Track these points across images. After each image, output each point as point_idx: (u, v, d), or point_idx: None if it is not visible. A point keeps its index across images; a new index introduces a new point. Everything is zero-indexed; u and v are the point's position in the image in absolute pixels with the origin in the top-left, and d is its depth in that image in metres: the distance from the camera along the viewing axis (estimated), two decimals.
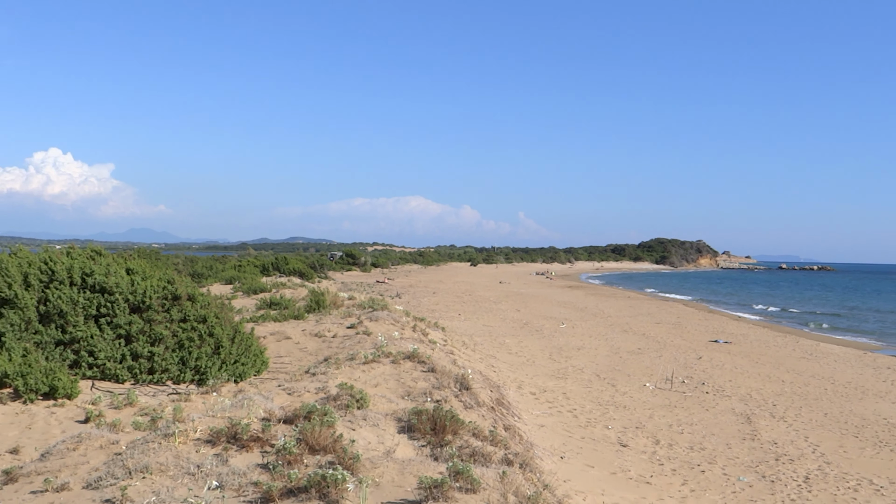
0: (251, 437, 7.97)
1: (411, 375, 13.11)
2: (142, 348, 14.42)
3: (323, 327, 21.45)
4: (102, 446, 8.55)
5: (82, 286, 14.77)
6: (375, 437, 8.65)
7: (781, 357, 32.40)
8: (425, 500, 6.39)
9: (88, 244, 17.54)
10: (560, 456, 14.53)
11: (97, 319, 14.52)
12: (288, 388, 12.17)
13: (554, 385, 22.60)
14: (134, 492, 6.88)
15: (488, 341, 31.02)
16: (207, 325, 15.19)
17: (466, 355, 21.80)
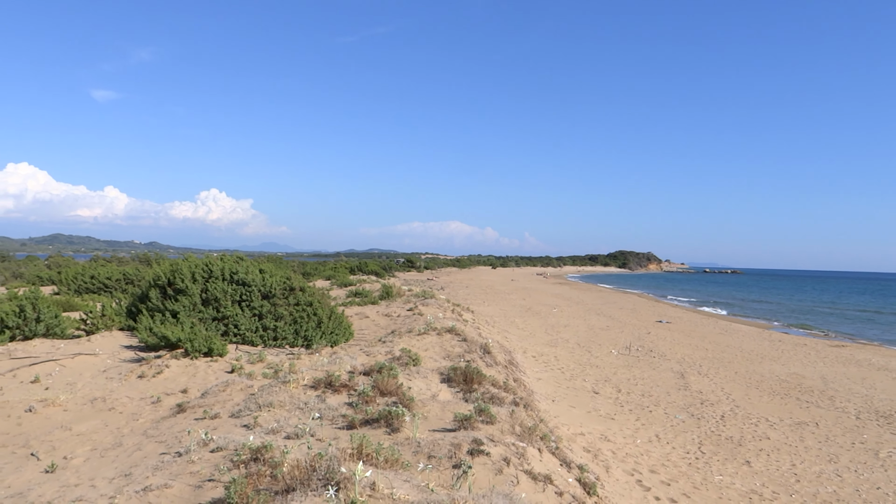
0: (341, 384, 8.02)
1: (450, 343, 13.09)
2: (269, 323, 14.52)
3: (391, 310, 21.45)
4: (242, 389, 8.63)
5: (230, 280, 14.91)
6: (425, 385, 8.64)
7: (705, 332, 31.90)
8: (458, 428, 6.38)
9: (234, 253, 17.72)
10: (552, 400, 14.41)
11: (240, 303, 14.65)
12: (366, 351, 12.20)
13: (548, 351, 22.42)
14: (262, 420, 6.95)
15: (503, 320, 30.85)
16: (313, 307, 15.26)
17: (488, 330, 21.70)
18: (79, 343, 13.93)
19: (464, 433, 6.21)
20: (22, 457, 7.13)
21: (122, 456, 6.64)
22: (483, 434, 6.22)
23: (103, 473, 6.09)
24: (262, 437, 6.17)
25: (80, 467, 6.50)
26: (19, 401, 9.28)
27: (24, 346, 13.41)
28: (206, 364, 11.83)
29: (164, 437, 7.04)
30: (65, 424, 8.13)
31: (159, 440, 6.93)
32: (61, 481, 6.03)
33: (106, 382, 10.88)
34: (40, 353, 12.76)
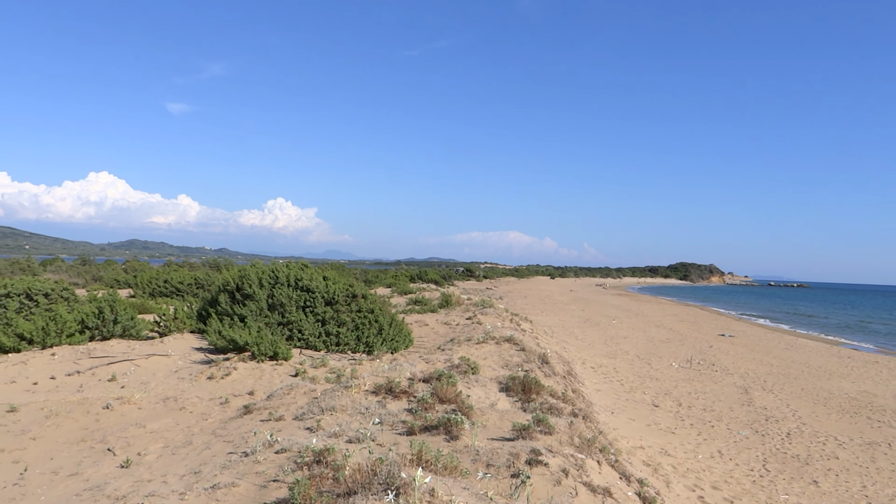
0: (401, 391, 8.07)
1: (508, 353, 13.01)
2: (332, 329, 14.75)
3: (450, 318, 21.50)
4: (305, 392, 8.78)
5: (295, 287, 15.21)
6: (483, 393, 8.62)
7: (770, 347, 30.84)
8: (517, 438, 6.34)
9: (299, 260, 18.07)
10: (611, 412, 14.16)
11: (304, 309, 14.92)
12: (426, 358, 12.24)
13: (607, 362, 22.06)
14: (325, 423, 7.05)
15: (561, 330, 30.53)
16: (374, 314, 15.42)
17: (546, 340, 21.51)
18: (152, 344, 14.43)
19: (522, 443, 6.16)
20: (100, 451, 7.43)
21: (192, 454, 6.84)
22: (542, 444, 6.16)
23: (174, 470, 6.28)
24: (325, 440, 6.26)
25: (152, 463, 6.73)
26: (98, 398, 9.67)
27: (103, 345, 13.96)
28: (271, 367, 12.08)
29: (231, 437, 7.21)
30: (139, 422, 8.43)
31: (227, 440, 7.11)
32: (135, 476, 6.25)
33: (177, 383, 11.23)
34: (117, 353, 13.27)
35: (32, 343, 13.39)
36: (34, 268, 49.35)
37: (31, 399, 10.08)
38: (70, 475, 6.65)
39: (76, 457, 7.33)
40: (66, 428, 8.36)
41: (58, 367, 12.31)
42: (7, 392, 10.87)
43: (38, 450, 7.68)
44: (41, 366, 12.34)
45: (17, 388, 11.13)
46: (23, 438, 7.97)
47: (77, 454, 7.44)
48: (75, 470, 6.79)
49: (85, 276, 45.19)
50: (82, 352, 13.33)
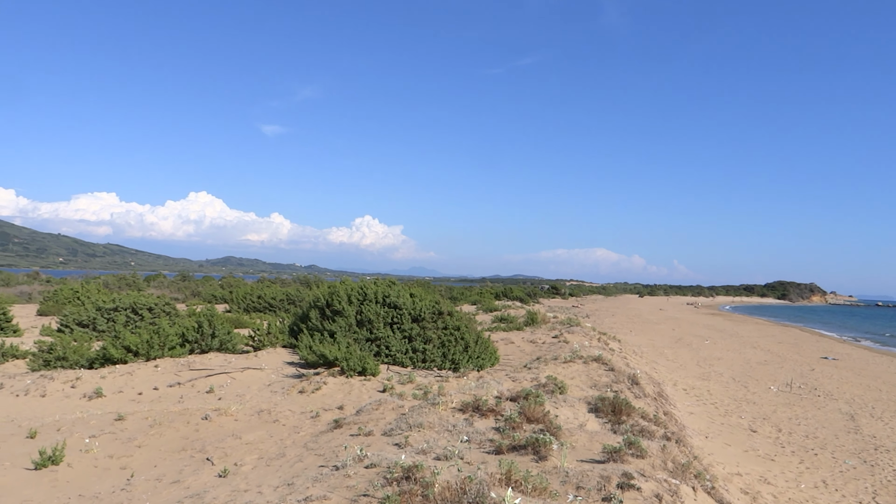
0: (488, 409, 8.04)
1: (597, 373, 12.75)
2: (418, 345, 14.88)
3: (536, 336, 21.30)
4: (393, 408, 8.88)
5: (383, 304, 15.47)
6: (572, 414, 8.47)
7: (878, 372, 28.93)
8: (608, 460, 6.19)
9: (386, 277, 18.38)
10: (705, 436, 13.62)
11: (391, 326, 15.14)
12: (512, 376, 12.16)
13: (700, 384, 21.26)
14: (413, 440, 7.10)
15: (651, 351, 29.68)
16: (460, 331, 15.47)
17: (635, 360, 20.96)
18: (247, 358, 14.96)
19: (613, 465, 6.01)
20: (199, 461, 7.75)
21: (285, 466, 7.03)
22: (633, 468, 5.99)
23: (269, 481, 6.46)
24: (413, 456, 6.30)
25: (248, 474, 6.95)
26: (197, 409, 10.09)
27: (201, 358, 14.58)
28: (360, 382, 12.29)
29: (322, 450, 7.37)
30: (235, 433, 8.74)
31: (318, 453, 7.27)
32: (232, 486, 6.47)
33: (270, 396, 11.59)
34: (214, 366, 13.83)
35: (138, 355, 14.14)
36: (139, 283, 52.25)
37: (136, 408, 10.64)
38: (172, 482, 6.96)
39: (178, 465, 7.67)
40: (168, 437, 8.77)
41: (160, 378, 12.95)
42: (115, 401, 11.52)
43: (143, 457, 8.08)
44: (145, 377, 13.01)
45: (124, 398, 11.77)
46: (129, 446, 8.41)
47: (178, 462, 7.78)
48: (177, 478, 7.10)
49: (185, 292, 47.48)
50: (183, 364, 13.97)
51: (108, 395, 11.88)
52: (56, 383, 12.52)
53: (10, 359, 15.52)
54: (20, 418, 10.12)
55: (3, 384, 12.67)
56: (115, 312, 20.94)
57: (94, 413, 10.23)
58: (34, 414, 10.62)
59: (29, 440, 8.70)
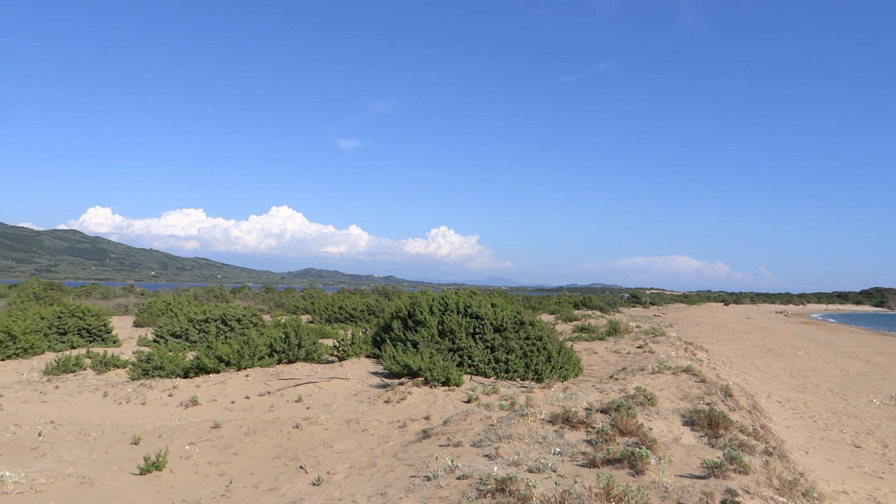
0: (578, 421, 7.90)
1: (687, 384, 12.35)
2: (501, 356, 14.82)
3: (619, 346, 20.87)
4: (481, 419, 8.84)
5: (464, 314, 15.49)
6: (665, 427, 8.22)
7: None
8: (708, 476, 5.96)
9: (462, 287, 18.40)
10: (805, 451, 12.97)
11: (473, 336, 15.13)
12: (598, 387, 11.92)
13: (795, 397, 20.30)
14: (503, 451, 7.04)
15: (740, 361, 28.56)
16: (542, 342, 15.31)
17: (725, 371, 20.23)
18: (332, 368, 15.25)
19: (715, 481, 5.78)
20: (293, 469, 7.92)
21: (376, 475, 7.10)
22: (737, 484, 5.75)
23: (361, 490, 6.54)
24: (505, 468, 6.25)
25: (341, 483, 7.06)
26: (288, 418, 10.34)
27: (289, 368, 14.96)
28: (444, 393, 12.33)
29: (412, 460, 7.41)
30: (326, 442, 8.90)
31: (408, 463, 7.31)
32: (326, 494, 6.58)
33: (357, 405, 11.76)
34: (301, 376, 14.16)
35: (229, 365, 14.64)
36: (226, 295, 54.21)
37: (230, 417, 11.00)
38: (268, 490, 7.14)
39: (273, 472, 7.87)
40: (262, 445, 9.01)
41: (251, 387, 13.35)
42: (210, 410, 11.94)
43: (239, 464, 8.33)
44: (237, 386, 13.44)
45: (218, 407, 12.20)
46: (226, 453, 8.69)
47: (273, 470, 7.98)
48: (273, 485, 7.28)
49: (269, 303, 48.94)
50: (271, 374, 14.37)
51: (203, 403, 12.34)
52: (155, 392, 13.09)
53: (111, 368, 16.35)
54: (124, 425, 10.62)
55: (107, 392, 13.35)
56: (206, 323, 21.77)
57: (191, 421, 10.63)
58: (136, 421, 11.13)
59: (133, 446, 9.12)
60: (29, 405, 12.66)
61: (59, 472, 7.87)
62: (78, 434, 9.86)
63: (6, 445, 9.21)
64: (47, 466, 8.13)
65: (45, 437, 9.65)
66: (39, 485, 7.37)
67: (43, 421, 10.83)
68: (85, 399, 13.15)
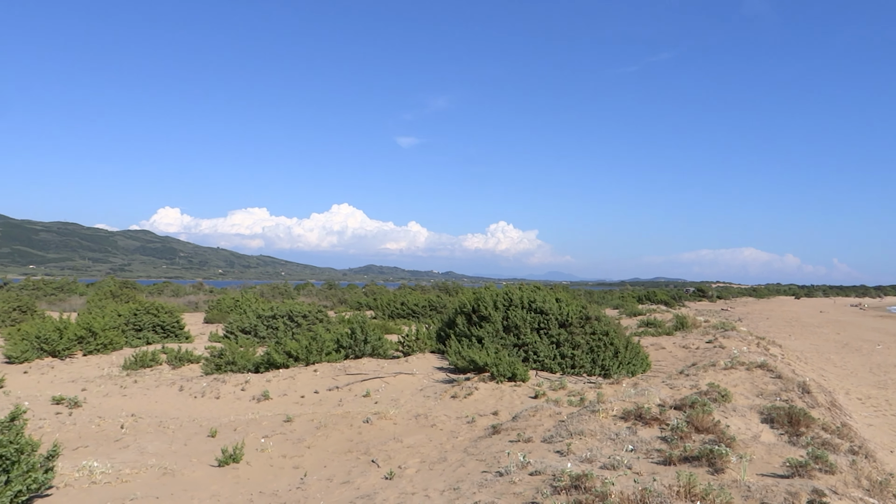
0: (651, 417, 7.75)
1: (762, 380, 11.97)
2: (566, 351, 14.67)
3: (687, 341, 20.39)
4: (550, 415, 8.78)
5: (529, 309, 15.39)
6: (743, 424, 7.98)
7: None
8: (792, 475, 5.76)
9: (522, 282, 18.28)
10: (890, 451, 12.42)
11: (538, 331, 15.03)
12: (669, 383, 11.67)
13: (876, 393, 19.43)
14: (575, 447, 6.97)
15: (815, 357, 27.51)
16: (609, 336, 15.09)
17: (800, 366, 19.51)
18: (398, 363, 15.38)
19: (800, 481, 5.58)
20: (365, 462, 8.03)
21: (447, 470, 7.12)
22: (823, 484, 5.54)
23: (434, 485, 6.57)
24: (578, 464, 6.18)
25: (413, 477, 7.11)
26: (357, 412, 10.48)
27: (356, 363, 15.16)
28: (510, 388, 12.28)
29: (483, 455, 7.40)
30: (396, 436, 8.98)
31: (479, 458, 7.31)
32: (399, 488, 6.64)
33: (424, 401, 11.83)
34: (368, 371, 14.33)
35: (298, 360, 14.93)
36: (290, 292, 55.33)
37: (301, 411, 11.22)
38: (342, 483, 7.25)
39: (345, 466, 7.99)
40: (334, 439, 9.16)
41: (320, 382, 13.59)
42: (281, 404, 12.21)
43: (312, 457, 8.49)
44: (306, 381, 13.70)
45: (289, 401, 12.45)
46: (299, 446, 8.87)
47: (346, 463, 8.10)
48: (346, 478, 7.40)
49: (332, 299, 49.73)
50: (339, 369, 14.59)
51: (274, 397, 12.63)
52: (228, 386, 13.47)
53: (186, 363, 16.90)
54: (200, 418, 10.96)
55: (183, 387, 13.81)
56: (274, 320, 22.27)
57: (264, 415, 10.89)
58: (211, 414, 11.47)
59: (210, 439, 9.40)
60: (110, 399, 13.19)
61: (142, 463, 8.17)
62: (157, 427, 10.22)
63: (92, 437, 9.62)
64: (131, 457, 8.46)
65: (127, 429, 10.04)
66: (125, 475, 7.67)
67: (124, 414, 11.26)
68: (162, 393, 13.63)
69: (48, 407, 11.61)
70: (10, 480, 6.07)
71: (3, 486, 5.99)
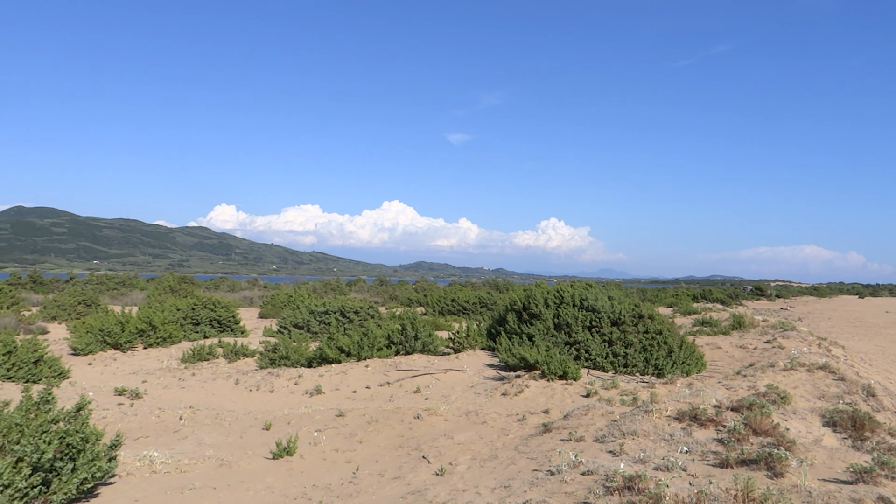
0: (707, 419, 7.58)
1: (823, 382, 11.58)
2: (619, 349, 14.47)
3: (745, 341, 19.88)
4: (603, 414, 8.67)
5: (580, 307, 15.24)
6: (804, 427, 7.75)
7: None
8: (856, 481, 5.56)
9: (583, 281, 18.09)
10: None
11: (590, 329, 14.86)
12: (725, 384, 11.40)
13: None
14: (627, 448, 6.87)
15: (881, 359, 26.48)
16: (662, 335, 14.83)
17: (864, 369, 18.80)
18: (448, 359, 15.42)
19: (864, 487, 5.39)
20: (416, 458, 8.08)
21: (498, 468, 7.11)
22: (889, 491, 5.33)
23: (485, 482, 6.57)
24: (631, 465, 6.10)
25: (463, 474, 7.12)
26: (408, 408, 10.56)
27: (406, 359, 15.26)
28: (561, 386, 12.18)
29: (533, 454, 7.37)
30: (446, 433, 9.01)
31: (530, 457, 7.27)
32: (450, 485, 6.66)
33: (475, 397, 11.83)
34: (418, 367, 14.41)
35: (349, 355, 15.12)
36: (342, 288, 56.03)
37: (353, 406, 11.36)
38: (393, 478, 7.31)
39: (396, 461, 8.06)
40: (385, 434, 9.25)
41: (371, 377, 13.73)
42: (333, 398, 12.38)
43: (364, 452, 8.59)
44: (358, 376, 13.86)
45: (340, 395, 12.62)
46: (351, 441, 8.99)
47: (397, 459, 8.17)
48: (397, 473, 7.46)
49: (383, 295, 50.18)
50: (390, 364, 14.71)
51: (327, 392, 12.82)
52: (281, 380, 13.73)
53: (241, 357, 17.30)
54: (255, 411, 11.20)
55: (239, 380, 14.13)
56: (327, 315, 22.59)
57: (317, 409, 11.06)
58: (266, 408, 11.71)
59: (265, 431, 9.60)
60: (169, 391, 13.60)
61: (200, 454, 8.40)
62: (214, 418, 10.49)
63: (152, 428, 9.94)
64: (189, 448, 8.70)
65: (185, 420, 10.33)
66: (183, 465, 7.89)
67: (183, 405, 11.59)
68: (219, 386, 13.99)
69: (111, 398, 12.04)
70: (77, 468, 6.31)
71: (70, 473, 6.23)
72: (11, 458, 5.74)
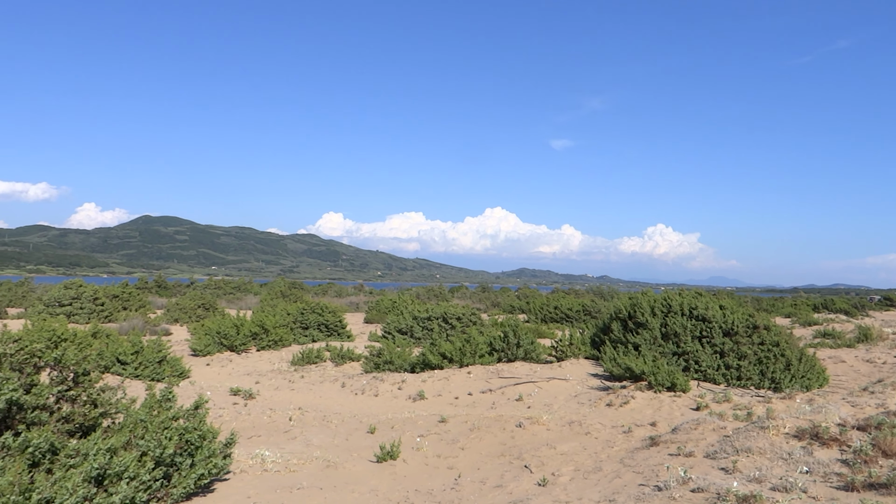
0: (830, 437, 7.09)
1: None
2: (731, 361, 13.81)
3: (872, 355, 18.51)
4: (714, 429, 8.30)
5: (689, 316, 14.68)
6: None
7: None
8: None
9: (693, 289, 17.42)
10: None
11: (700, 339, 14.28)
12: (850, 401, 10.66)
13: None
14: (741, 465, 6.54)
15: None
16: (780, 347, 14.04)
17: None
18: (551, 368, 15.24)
19: None
20: (517, 467, 8.02)
21: (602, 480, 6.94)
22: None
23: (588, 495, 6.43)
24: (745, 484, 5.80)
25: (566, 485, 7.00)
26: (510, 416, 10.50)
27: (508, 367, 15.20)
28: (669, 399, 11.77)
29: (640, 467, 7.14)
30: (549, 443, 8.89)
31: (636, 470, 7.06)
32: (553, 496, 6.56)
33: (578, 407, 11.63)
34: (520, 375, 14.32)
35: (452, 361, 15.22)
36: (445, 294, 56.59)
37: (455, 412, 11.42)
38: (495, 486, 7.29)
39: (498, 469, 8.03)
40: (486, 441, 9.24)
41: (473, 384, 13.76)
42: (436, 404, 12.49)
43: (466, 459, 8.61)
44: (460, 382, 13.93)
45: (443, 402, 12.72)
46: (453, 447, 9.03)
47: (498, 467, 8.14)
48: (499, 482, 7.42)
49: (485, 302, 50.25)
50: (492, 371, 14.70)
51: (429, 397, 12.95)
52: (386, 385, 14.00)
53: (347, 361, 17.78)
54: (360, 414, 11.48)
55: (345, 383, 14.53)
56: (429, 321, 22.87)
57: (419, 414, 11.20)
58: (370, 411, 11.97)
59: (369, 435, 9.81)
60: (280, 392, 14.16)
61: (308, 454, 8.68)
62: (321, 420, 10.82)
63: (264, 427, 10.37)
64: (297, 448, 9.01)
65: (294, 421, 10.72)
66: (292, 465, 8.18)
67: (292, 407, 12.03)
68: (326, 388, 14.43)
69: (226, 397, 12.66)
70: (195, 464, 6.67)
71: (189, 468, 6.59)
72: (137, 451, 6.13)
